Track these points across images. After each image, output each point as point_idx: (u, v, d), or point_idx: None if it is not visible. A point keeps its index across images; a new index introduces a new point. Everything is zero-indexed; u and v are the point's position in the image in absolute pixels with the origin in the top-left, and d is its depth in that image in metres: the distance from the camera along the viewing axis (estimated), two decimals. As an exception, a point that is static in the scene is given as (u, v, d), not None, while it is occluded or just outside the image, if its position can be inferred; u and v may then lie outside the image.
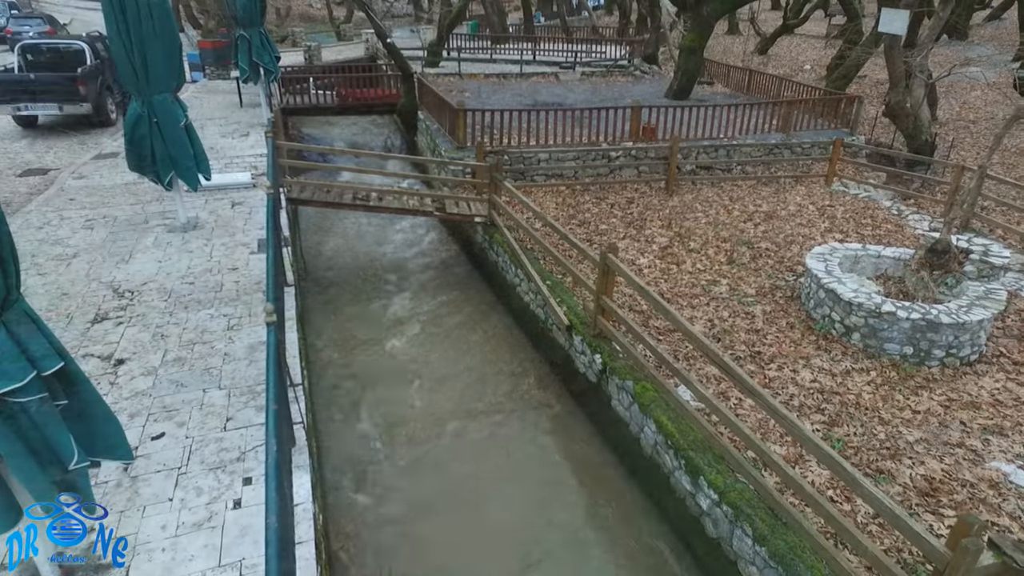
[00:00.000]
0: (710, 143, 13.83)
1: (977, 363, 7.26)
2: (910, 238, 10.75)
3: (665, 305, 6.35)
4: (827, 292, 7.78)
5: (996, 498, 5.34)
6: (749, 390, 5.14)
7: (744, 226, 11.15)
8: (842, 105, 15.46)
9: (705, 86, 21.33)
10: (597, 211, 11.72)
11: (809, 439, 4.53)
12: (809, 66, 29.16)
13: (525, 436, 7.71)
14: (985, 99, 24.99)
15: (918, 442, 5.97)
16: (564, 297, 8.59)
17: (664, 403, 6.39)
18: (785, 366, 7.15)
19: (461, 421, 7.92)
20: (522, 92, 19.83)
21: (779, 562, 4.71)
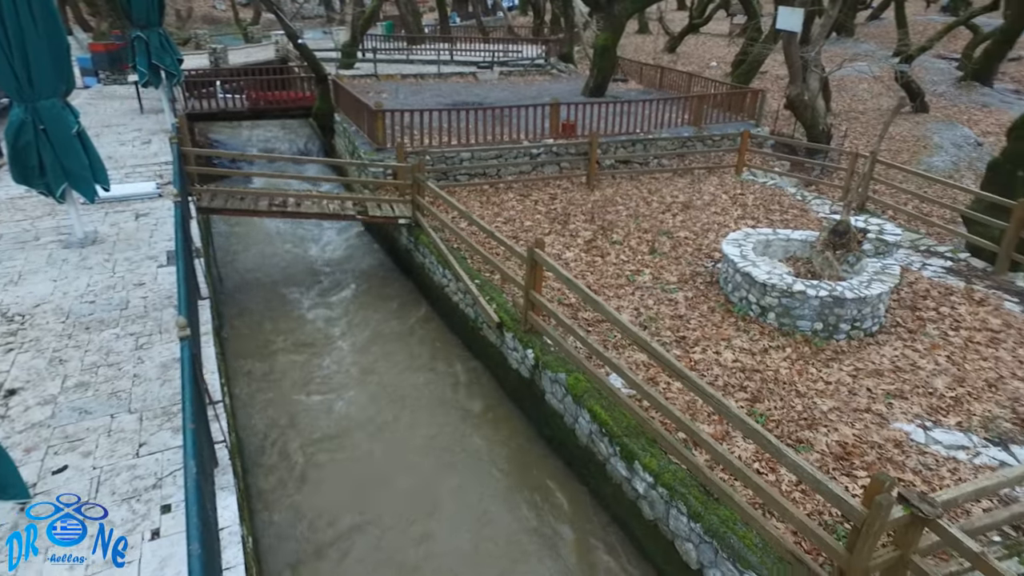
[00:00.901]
0: (627, 138, 14.22)
1: (878, 334, 7.80)
2: (814, 221, 11.42)
3: (593, 296, 6.45)
4: (743, 276, 8.15)
5: (900, 456, 5.74)
6: (677, 373, 5.30)
7: (663, 217, 11.52)
8: (747, 99, 16.26)
9: (620, 83, 21.91)
10: (522, 208, 11.79)
11: (735, 416, 4.71)
12: (715, 63, 30.53)
13: (459, 437, 7.65)
14: (872, 91, 26.95)
15: (831, 411, 6.35)
16: (494, 295, 8.58)
17: (597, 392, 6.49)
18: (708, 348, 7.42)
19: (394, 427, 7.77)
20: (441, 92, 19.70)
21: (713, 536, 4.89)
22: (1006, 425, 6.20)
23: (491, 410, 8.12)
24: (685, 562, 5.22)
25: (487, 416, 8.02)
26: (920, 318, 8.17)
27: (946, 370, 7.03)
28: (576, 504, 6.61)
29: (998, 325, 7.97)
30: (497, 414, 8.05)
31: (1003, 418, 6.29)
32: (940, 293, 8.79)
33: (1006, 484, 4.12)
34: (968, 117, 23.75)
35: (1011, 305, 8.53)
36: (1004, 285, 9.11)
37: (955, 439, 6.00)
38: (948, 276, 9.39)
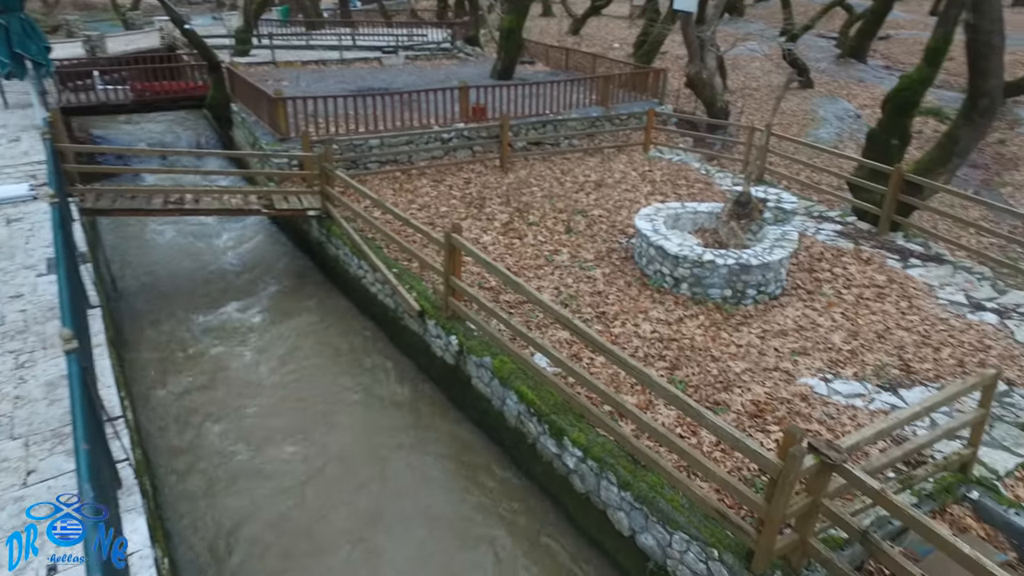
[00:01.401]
0: (538, 119, 14.28)
1: (781, 296, 8.28)
2: (718, 193, 11.95)
3: (513, 278, 6.45)
4: (656, 249, 8.40)
5: (807, 408, 6.14)
6: (600, 348, 5.39)
7: (577, 196, 11.68)
8: (650, 78, 16.71)
9: (527, 65, 21.97)
10: (436, 194, 11.61)
11: (657, 384, 4.85)
12: (618, 44, 31.21)
13: (387, 431, 7.49)
14: (763, 69, 28.44)
15: (744, 372, 6.69)
16: (413, 283, 8.42)
17: (523, 373, 6.52)
18: (628, 321, 7.62)
19: (319, 427, 7.50)
20: (345, 79, 19.02)
21: (643, 502, 5.04)
22: (894, 372, 6.76)
23: (418, 399, 8.00)
24: (618, 530, 5.37)
25: (415, 406, 7.89)
26: (817, 279, 8.74)
27: (842, 326, 7.57)
28: (509, 485, 6.64)
29: (883, 281, 8.66)
30: (424, 402, 7.94)
31: (892, 365, 6.85)
32: (833, 255, 9.43)
33: (899, 425, 4.48)
34: (847, 91, 25.54)
35: (893, 262, 9.28)
36: (886, 244, 9.89)
37: (852, 388, 6.48)
38: (839, 239, 10.09)
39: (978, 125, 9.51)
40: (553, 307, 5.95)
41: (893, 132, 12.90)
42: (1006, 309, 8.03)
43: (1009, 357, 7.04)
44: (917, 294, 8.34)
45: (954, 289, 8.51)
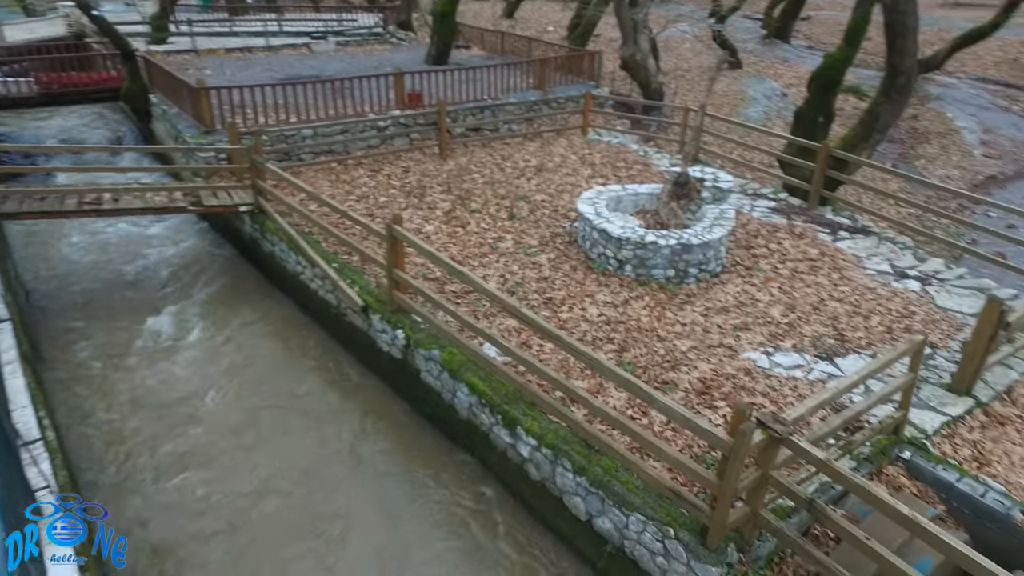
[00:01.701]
0: (476, 105, 14.09)
1: (722, 274, 8.47)
2: (656, 175, 12.11)
3: (458, 268, 6.33)
4: (599, 232, 8.44)
5: (751, 382, 6.31)
6: (548, 335, 5.36)
7: (518, 182, 11.61)
8: (585, 61, 16.74)
9: (462, 50, 21.64)
10: (375, 184, 11.31)
11: (606, 368, 4.86)
12: (552, 27, 31.16)
13: (337, 432, 7.27)
14: (694, 50, 29.00)
15: (690, 350, 6.81)
16: (355, 278, 8.18)
17: (473, 364, 6.44)
18: (575, 306, 7.63)
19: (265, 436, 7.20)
20: (273, 66, 18.23)
21: (599, 486, 5.07)
22: (830, 341, 7.03)
23: (367, 397, 7.80)
24: (575, 515, 5.39)
25: (364, 404, 7.69)
26: (754, 255, 8.99)
27: (779, 300, 7.82)
28: (464, 477, 6.57)
29: (816, 255, 8.99)
30: (373, 400, 7.75)
31: (827, 336, 7.13)
32: (768, 231, 9.72)
33: (839, 395, 4.65)
34: (774, 71, 26.37)
35: (823, 236, 9.64)
36: (816, 219, 10.27)
37: (792, 360, 6.70)
38: (773, 215, 10.41)
39: (896, 102, 9.96)
40: (500, 295, 5.88)
41: (818, 110, 13.38)
42: (927, 276, 8.48)
43: (931, 322, 7.44)
44: (847, 265, 8.70)
45: (880, 259, 8.92)
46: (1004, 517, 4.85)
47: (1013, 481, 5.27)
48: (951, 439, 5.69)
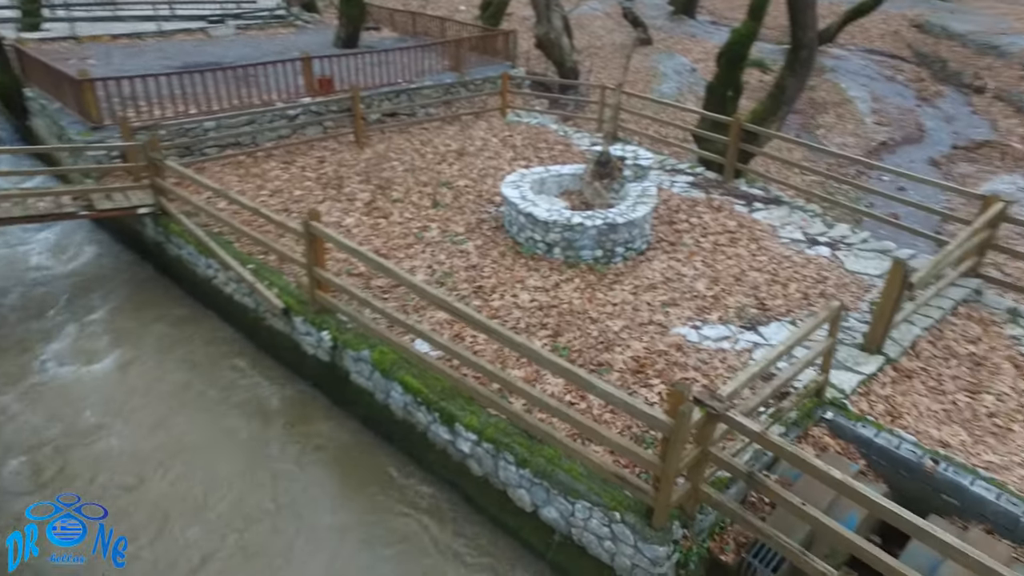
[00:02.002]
0: (391, 89, 13.61)
1: (648, 251, 8.60)
2: (578, 154, 12.14)
3: (381, 262, 6.08)
4: (526, 216, 8.35)
5: (683, 358, 6.44)
6: (480, 326, 5.24)
7: (440, 167, 11.33)
8: (500, 41, 16.51)
9: (372, 32, 20.88)
10: (288, 177, 10.73)
11: (542, 356, 4.80)
12: (464, 6, 30.61)
13: (266, 447, 6.88)
14: (606, 28, 29.28)
15: (622, 330, 6.87)
16: (273, 278, 7.74)
17: (405, 362, 6.23)
18: (506, 293, 7.54)
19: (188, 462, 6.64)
20: (167, 54, 16.92)
21: (542, 476, 5.03)
22: (753, 311, 7.28)
23: (295, 404, 7.42)
24: (520, 507, 5.34)
25: (293, 412, 7.31)
26: (677, 231, 9.17)
27: (704, 273, 8.01)
28: (405, 478, 6.39)
29: (734, 226, 9.28)
30: (302, 407, 7.38)
31: (750, 306, 7.37)
32: (688, 206, 9.94)
33: (768, 365, 4.79)
34: (682, 47, 26.99)
35: (740, 208, 9.96)
36: (732, 191, 10.60)
37: (719, 332, 6.89)
38: (692, 190, 10.65)
39: (800, 75, 10.38)
40: (427, 289, 5.69)
41: (728, 84, 13.80)
42: (835, 242, 8.93)
43: (842, 285, 7.84)
44: (763, 236, 9.02)
45: (793, 228, 9.31)
46: (916, 466, 5.17)
47: (922, 431, 5.64)
48: (867, 396, 6.02)
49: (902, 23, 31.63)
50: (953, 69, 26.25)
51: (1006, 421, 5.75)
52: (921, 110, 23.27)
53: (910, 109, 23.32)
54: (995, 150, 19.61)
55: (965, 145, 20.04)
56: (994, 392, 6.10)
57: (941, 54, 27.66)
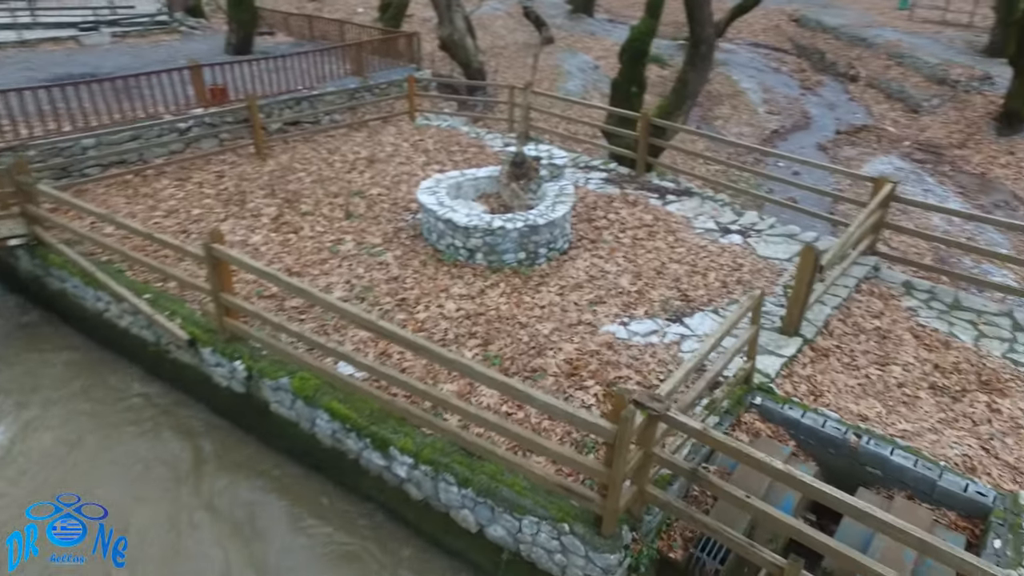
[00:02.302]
0: (291, 96, 12.94)
1: (570, 250, 8.58)
2: (491, 156, 12.01)
3: (294, 283, 5.69)
4: (445, 223, 8.12)
5: (615, 356, 6.43)
6: (405, 342, 4.97)
7: (350, 176, 10.88)
8: (403, 43, 16.12)
9: (267, 37, 19.90)
10: (184, 195, 9.94)
11: (476, 371, 4.61)
12: (362, 8, 29.82)
13: (184, 492, 6.29)
14: (507, 27, 29.41)
15: (552, 332, 6.79)
16: (174, 307, 7.09)
17: (329, 387, 5.85)
18: (431, 304, 7.28)
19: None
20: (33, 65, 15.35)
21: (486, 494, 4.84)
22: (677, 303, 7.40)
23: (211, 443, 6.82)
24: (465, 528, 5.12)
25: (210, 452, 6.72)
26: (596, 228, 9.22)
27: (626, 269, 8.08)
28: (341, 511, 6.01)
29: (651, 220, 9.44)
30: (219, 445, 6.80)
31: (674, 298, 7.49)
32: (605, 202, 10.04)
33: (700, 359, 4.82)
34: (583, 45, 27.53)
35: (654, 201, 10.16)
36: (645, 185, 10.80)
37: (647, 327, 6.95)
38: (606, 186, 10.77)
39: (701, 69, 10.73)
40: (344, 307, 5.36)
41: (631, 80, 14.11)
42: (746, 229, 9.27)
43: (756, 271, 8.13)
44: (679, 227, 9.23)
45: (705, 218, 9.59)
46: (842, 442, 5.40)
47: (843, 407, 5.90)
48: (790, 378, 6.24)
49: (782, 18, 33.76)
50: (830, 60, 28.26)
51: (913, 390, 6.12)
52: (806, 99, 24.87)
53: (796, 98, 24.87)
54: (872, 134, 21.25)
55: (846, 130, 21.60)
56: (900, 363, 6.48)
57: (818, 46, 29.72)
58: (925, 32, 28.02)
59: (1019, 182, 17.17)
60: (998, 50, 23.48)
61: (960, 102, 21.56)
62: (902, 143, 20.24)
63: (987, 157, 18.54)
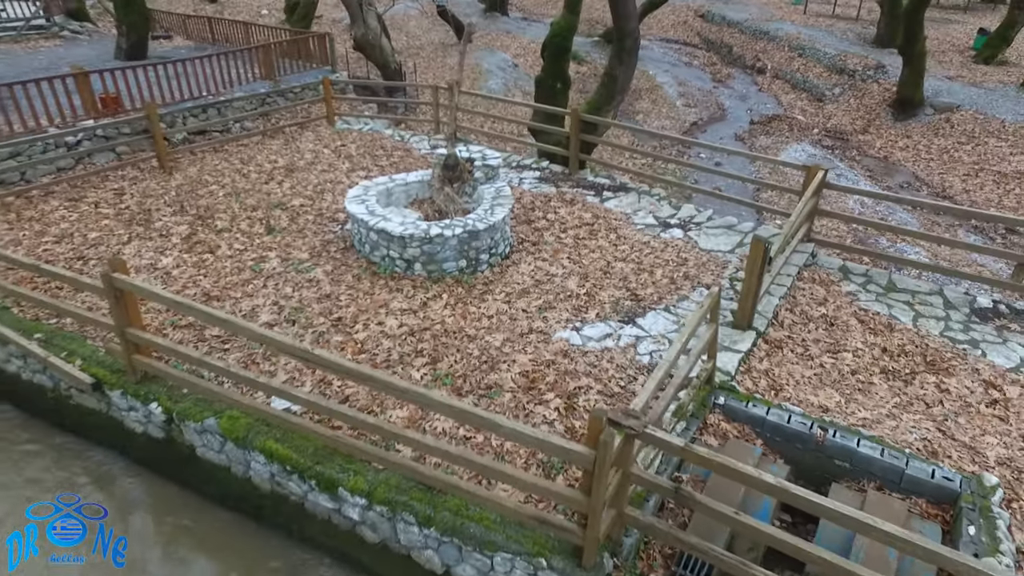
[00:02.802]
0: (195, 104, 11.92)
1: (512, 254, 8.23)
2: (419, 159, 11.50)
3: (211, 311, 5.01)
4: (378, 233, 7.58)
5: (571, 364, 6.12)
6: (345, 372, 4.45)
7: (268, 187, 10.08)
8: (315, 44, 15.27)
9: (163, 41, 18.45)
10: (78, 217, 8.88)
11: (432, 400, 4.15)
12: (266, 10, 28.37)
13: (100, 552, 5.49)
14: (421, 27, 28.79)
15: (504, 344, 6.41)
16: (73, 346, 6.21)
17: (264, 425, 5.22)
18: (370, 321, 6.74)
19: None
20: None
21: (451, 532, 4.40)
22: (627, 303, 7.19)
23: (127, 497, 6.01)
24: (429, 570, 4.66)
25: (127, 508, 5.92)
26: (536, 229, 8.91)
27: (572, 271, 7.81)
28: (290, 564, 5.40)
29: (590, 218, 9.23)
30: (138, 498, 6.01)
31: (624, 298, 7.28)
32: (542, 202, 9.75)
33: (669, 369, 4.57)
34: (500, 43, 27.32)
35: (591, 199, 9.97)
36: (581, 183, 10.60)
37: (601, 330, 6.69)
38: (541, 185, 10.49)
39: (627, 63, 10.62)
40: (271, 336, 4.76)
41: (555, 76, 13.91)
42: (685, 223, 9.21)
43: (701, 265, 8.05)
44: (619, 225, 9.07)
45: (644, 213, 9.48)
46: (808, 437, 5.31)
47: (803, 399, 5.85)
48: (748, 374, 6.14)
49: (688, 14, 34.82)
50: (737, 53, 29.35)
51: (867, 376, 6.16)
52: (719, 91, 25.68)
53: (710, 91, 25.63)
54: (783, 123, 22.13)
55: (760, 120, 22.40)
56: (850, 349, 6.53)
57: (725, 40, 30.83)
58: (819, 25, 29.61)
59: (918, 164, 18.27)
60: (886, 41, 25.09)
61: (859, 90, 22.81)
62: (812, 131, 21.18)
63: (887, 141, 19.66)
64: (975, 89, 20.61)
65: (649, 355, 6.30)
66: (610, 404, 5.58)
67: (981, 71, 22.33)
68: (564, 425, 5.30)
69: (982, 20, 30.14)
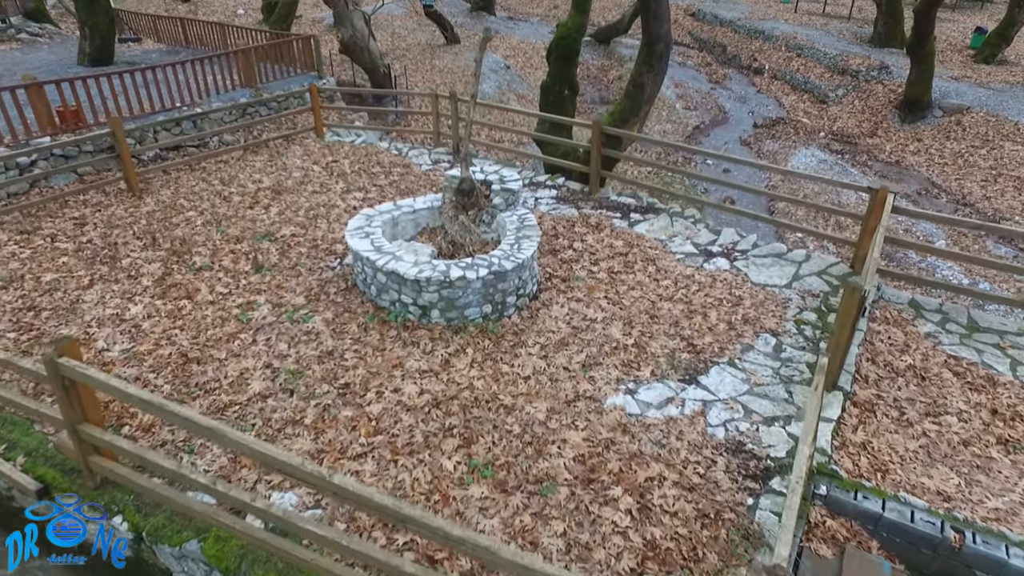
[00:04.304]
0: (167, 116, 10.63)
1: (540, 294, 7.13)
2: (421, 176, 10.36)
3: (189, 416, 3.80)
4: (388, 275, 6.45)
5: (633, 443, 5.05)
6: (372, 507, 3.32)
7: (253, 212, 8.88)
8: (298, 47, 14.03)
9: (132, 44, 17.03)
10: (30, 254, 7.62)
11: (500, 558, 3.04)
12: (242, 10, 26.96)
13: None
14: (407, 27, 27.55)
15: (548, 417, 5.31)
16: (16, 436, 4.99)
17: (263, 555, 4.07)
18: (384, 388, 5.60)
19: None
20: None
21: None
22: (685, 356, 6.13)
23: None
24: None
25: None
26: (563, 260, 7.83)
27: (613, 314, 6.73)
28: None
29: (622, 246, 8.15)
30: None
31: (679, 349, 6.22)
32: (565, 227, 8.66)
33: (802, 485, 3.52)
34: (490, 44, 26.18)
35: (619, 222, 8.89)
36: (604, 203, 9.53)
37: (660, 393, 5.63)
38: (560, 206, 9.40)
39: (658, 70, 9.59)
40: (270, 453, 3.58)
41: (563, 82, 12.88)
42: (729, 250, 8.18)
43: (759, 304, 7.01)
44: (657, 255, 8.00)
45: (681, 239, 8.44)
46: (939, 541, 4.31)
47: (916, 483, 4.85)
48: (844, 449, 5.13)
49: (679, 12, 33.96)
50: (732, 53, 28.54)
51: (983, 448, 5.19)
52: (717, 92, 24.81)
53: (708, 93, 24.76)
54: (788, 126, 21.31)
55: (763, 123, 21.57)
56: (952, 411, 5.56)
57: (718, 39, 30.00)
58: (812, 24, 28.94)
59: (932, 168, 17.54)
60: (884, 40, 24.42)
61: (862, 92, 22.08)
62: (818, 134, 20.38)
63: (898, 145, 18.92)
64: (983, 90, 19.98)
65: (723, 426, 5.26)
66: (691, 502, 4.52)
67: (985, 71, 21.75)
68: (641, 537, 4.24)
69: (972, 18, 29.72)
